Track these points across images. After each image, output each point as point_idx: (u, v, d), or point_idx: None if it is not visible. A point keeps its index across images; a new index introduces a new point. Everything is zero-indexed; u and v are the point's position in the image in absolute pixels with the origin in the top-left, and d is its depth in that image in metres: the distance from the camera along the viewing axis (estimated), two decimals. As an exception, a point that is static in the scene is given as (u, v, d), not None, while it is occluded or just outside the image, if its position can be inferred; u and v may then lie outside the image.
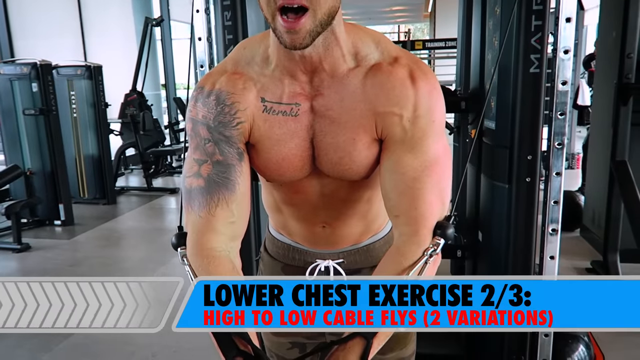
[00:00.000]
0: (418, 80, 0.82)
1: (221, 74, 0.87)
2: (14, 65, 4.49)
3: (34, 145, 4.52)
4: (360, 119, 0.84)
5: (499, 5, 1.69)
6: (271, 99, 0.86)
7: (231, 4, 1.75)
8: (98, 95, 5.20)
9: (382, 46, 0.86)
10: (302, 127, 0.86)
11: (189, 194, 0.86)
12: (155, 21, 6.51)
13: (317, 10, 0.74)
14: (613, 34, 3.16)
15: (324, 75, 0.84)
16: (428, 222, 0.83)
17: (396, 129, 0.83)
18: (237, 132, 0.86)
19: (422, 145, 0.83)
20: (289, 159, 0.88)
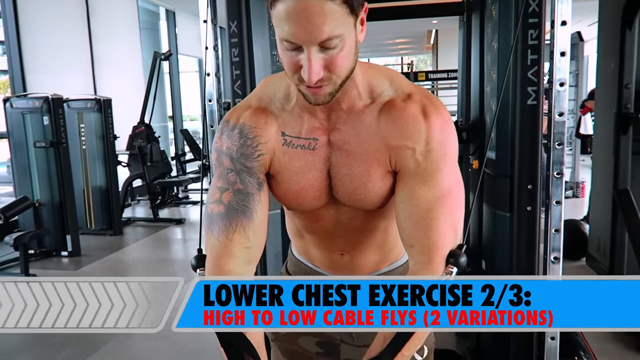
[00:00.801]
0: (430, 115, 0.87)
1: (245, 109, 0.94)
2: (26, 99, 4.60)
3: (43, 177, 4.59)
4: (374, 153, 0.89)
5: (496, 40, 1.76)
6: (291, 134, 0.92)
7: (238, 41, 1.82)
8: (107, 128, 5.30)
9: (396, 83, 0.91)
10: (320, 159, 0.92)
11: (210, 219, 0.91)
12: (163, 55, 6.67)
13: (337, 81, 0.81)
14: (611, 65, 3.23)
15: (341, 112, 0.90)
16: (441, 251, 0.85)
17: (409, 161, 0.88)
18: (257, 164, 0.92)
19: (435, 177, 0.87)
20: (306, 189, 0.93)
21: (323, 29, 0.74)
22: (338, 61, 0.79)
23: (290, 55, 0.78)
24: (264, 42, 1.92)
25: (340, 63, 0.79)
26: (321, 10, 0.73)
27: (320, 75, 0.78)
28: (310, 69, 0.77)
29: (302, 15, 0.74)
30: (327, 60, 0.78)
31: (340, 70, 0.80)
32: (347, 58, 0.80)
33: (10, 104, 4.53)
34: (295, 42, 0.76)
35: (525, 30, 1.61)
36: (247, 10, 1.83)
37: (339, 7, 0.74)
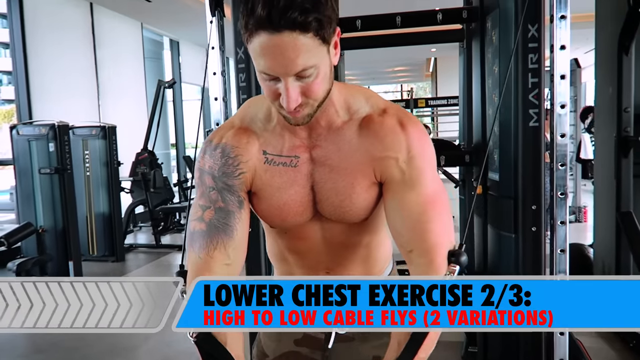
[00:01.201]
0: (407, 126, 0.91)
1: (228, 129, 0.97)
2: (32, 126, 4.66)
3: (47, 203, 4.60)
4: (357, 165, 0.93)
5: (497, 65, 1.80)
6: (272, 152, 0.95)
7: (245, 67, 1.87)
8: (111, 155, 5.34)
9: (372, 101, 0.95)
10: (302, 175, 0.95)
11: (191, 236, 0.93)
12: (167, 83, 6.78)
13: (315, 103, 0.85)
14: (609, 90, 3.28)
15: (321, 130, 0.93)
16: (441, 251, 0.88)
17: (394, 170, 0.91)
18: (238, 182, 0.94)
19: (421, 182, 0.91)
20: (289, 205, 0.96)
21: (297, 62, 0.78)
22: (314, 88, 0.82)
23: (269, 85, 0.83)
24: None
25: (317, 89, 0.83)
26: (294, 45, 0.77)
27: (299, 102, 0.82)
28: (289, 97, 0.81)
29: (276, 50, 0.77)
30: (303, 87, 0.82)
31: (317, 94, 0.84)
32: (323, 83, 0.84)
33: (17, 131, 4.59)
34: (272, 74, 0.80)
35: (525, 54, 1.65)
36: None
37: (311, 40, 0.78)
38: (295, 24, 0.75)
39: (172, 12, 7.04)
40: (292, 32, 0.76)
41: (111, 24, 7.05)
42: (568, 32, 1.56)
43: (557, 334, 1.61)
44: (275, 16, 0.75)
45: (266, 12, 0.75)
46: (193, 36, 8.91)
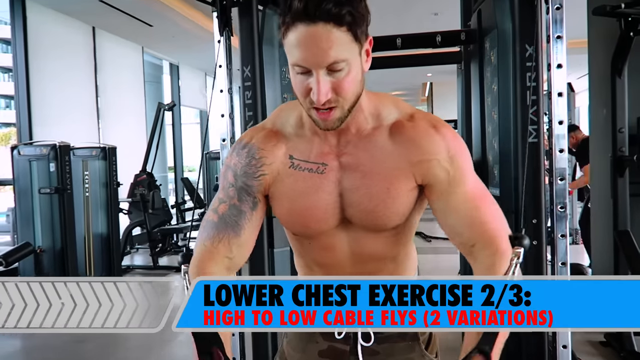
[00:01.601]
0: (440, 128, 0.94)
1: (259, 130, 1.01)
2: (33, 146, 4.69)
3: (46, 223, 4.60)
4: (392, 171, 0.94)
5: (496, 83, 1.86)
6: (299, 157, 0.96)
7: (252, 84, 1.92)
8: (111, 175, 5.36)
9: (400, 106, 0.98)
10: (329, 182, 0.95)
11: (204, 224, 0.97)
12: (167, 106, 6.84)
13: (345, 105, 0.87)
14: (604, 112, 3.36)
15: (351, 137, 0.95)
16: (503, 237, 0.91)
17: (438, 172, 0.92)
18: (257, 183, 0.97)
19: (466, 179, 0.93)
20: (311, 210, 0.96)
21: (330, 53, 0.81)
22: (345, 85, 0.84)
23: (301, 79, 0.85)
24: (274, 85, 2.02)
25: (347, 87, 0.85)
26: (328, 36, 0.81)
27: (329, 97, 0.84)
28: (319, 89, 0.83)
29: (310, 41, 0.81)
30: (334, 83, 0.84)
31: (347, 93, 0.85)
32: (353, 83, 0.86)
33: (18, 151, 4.62)
34: (304, 65, 0.83)
35: (524, 73, 1.71)
36: (260, 56, 1.94)
37: (344, 34, 0.82)
38: (329, 16, 0.79)
39: (172, 36, 7.17)
40: (327, 23, 0.80)
41: (113, 47, 7.16)
42: (564, 52, 1.62)
43: (560, 346, 1.63)
44: (311, 8, 0.79)
45: (303, 4, 0.80)
46: (192, 60, 9.04)
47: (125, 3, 5.65)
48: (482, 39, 2.03)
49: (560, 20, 1.62)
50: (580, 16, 3.42)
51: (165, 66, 9.24)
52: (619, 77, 2.92)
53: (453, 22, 3.19)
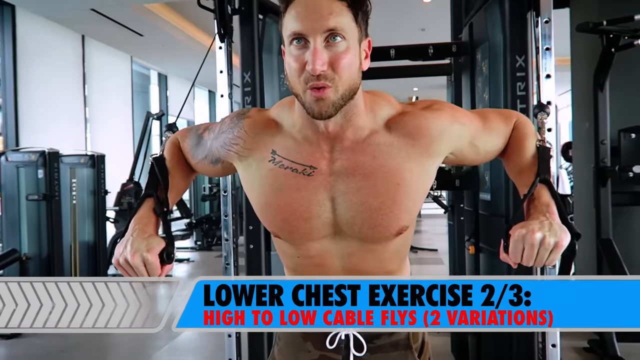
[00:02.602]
0: (433, 105, 0.98)
1: (259, 114, 1.01)
2: (22, 153, 4.66)
3: (33, 230, 4.56)
4: (404, 164, 0.91)
5: (487, 93, 1.94)
6: (283, 155, 0.94)
7: (251, 90, 1.96)
8: (99, 183, 5.34)
9: (392, 103, 0.97)
10: (316, 184, 0.92)
11: (189, 128, 1.13)
12: (156, 115, 6.85)
13: (339, 87, 0.84)
14: (586, 125, 3.48)
15: (347, 143, 0.92)
16: (519, 115, 1.08)
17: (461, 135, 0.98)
18: (224, 153, 1.01)
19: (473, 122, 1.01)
20: (289, 206, 0.92)
21: (329, 18, 0.81)
22: (341, 61, 0.82)
23: (297, 55, 0.83)
24: (273, 91, 2.07)
25: (343, 63, 0.83)
26: (329, 4, 0.82)
27: (325, 68, 0.81)
28: (315, 55, 0.81)
29: (310, 8, 0.82)
30: (331, 57, 0.82)
31: (343, 71, 0.83)
32: (351, 65, 0.84)
33: (6, 157, 4.58)
34: (302, 32, 0.82)
35: (514, 83, 1.78)
36: (260, 63, 1.99)
37: (345, 9, 0.83)
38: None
39: (162, 46, 7.20)
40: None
41: (102, 56, 7.17)
42: (553, 63, 1.70)
43: (550, 345, 1.68)
44: None
45: None
46: (181, 70, 9.07)
47: (116, 12, 5.69)
48: (474, 50, 2.12)
49: (549, 33, 1.70)
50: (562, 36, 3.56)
51: (153, 76, 9.25)
52: (601, 91, 3.04)
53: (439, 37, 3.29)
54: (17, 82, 5.70)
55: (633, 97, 3.45)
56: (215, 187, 7.86)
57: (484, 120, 1.03)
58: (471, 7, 2.29)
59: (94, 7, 5.50)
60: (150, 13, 5.95)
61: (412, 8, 5.95)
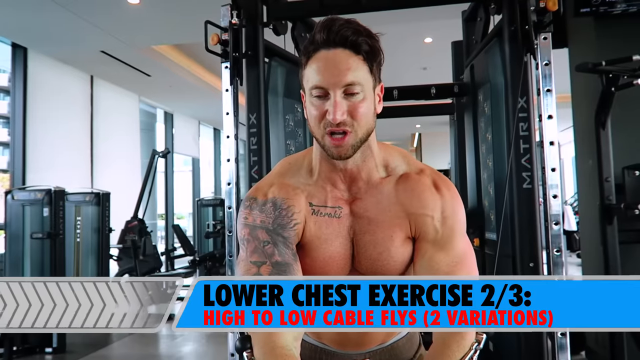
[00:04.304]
0: (441, 188, 0.98)
1: (270, 185, 1.00)
2: (28, 191, 4.69)
3: (36, 268, 4.54)
4: (395, 219, 0.96)
5: (490, 133, 1.96)
6: (317, 203, 0.98)
7: (257, 131, 1.99)
8: (104, 221, 5.35)
9: (409, 160, 1.03)
10: (344, 227, 0.98)
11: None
12: (162, 153, 6.92)
13: (358, 132, 0.91)
14: (590, 162, 3.48)
15: (361, 183, 0.98)
16: None
17: (429, 228, 0.96)
18: (293, 233, 0.95)
19: (452, 242, 0.96)
20: (333, 257, 0.97)
21: (347, 74, 0.88)
22: (360, 109, 0.89)
23: (318, 104, 0.90)
24: (278, 132, 2.10)
25: (362, 112, 0.89)
26: (346, 60, 0.88)
27: (344, 117, 0.88)
28: (335, 108, 0.87)
29: (330, 63, 0.88)
30: (350, 106, 0.88)
31: (361, 119, 0.89)
32: (368, 112, 0.90)
33: (12, 196, 4.61)
34: (323, 86, 0.88)
35: (517, 123, 1.81)
36: (265, 105, 2.02)
37: (361, 62, 0.89)
38: (347, 41, 0.88)
39: (169, 86, 7.34)
40: (345, 49, 0.88)
41: (110, 95, 7.30)
42: (554, 104, 1.73)
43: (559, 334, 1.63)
44: (331, 36, 0.88)
45: (325, 35, 0.88)
46: (187, 109, 9.21)
47: (125, 54, 5.83)
48: (476, 91, 2.15)
49: (549, 75, 1.73)
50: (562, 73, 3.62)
51: (159, 114, 9.39)
52: (603, 129, 3.05)
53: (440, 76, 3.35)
54: (26, 120, 5.80)
55: (636, 134, 3.46)
56: (219, 223, 7.85)
57: (454, 259, 0.95)
58: (472, 49, 2.34)
59: (103, 49, 5.65)
60: (158, 54, 6.10)
61: (414, 48, 6.07)
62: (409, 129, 12.19)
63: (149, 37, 5.43)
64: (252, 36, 1.98)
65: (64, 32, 5.10)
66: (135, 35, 5.26)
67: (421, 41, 5.94)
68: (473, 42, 2.35)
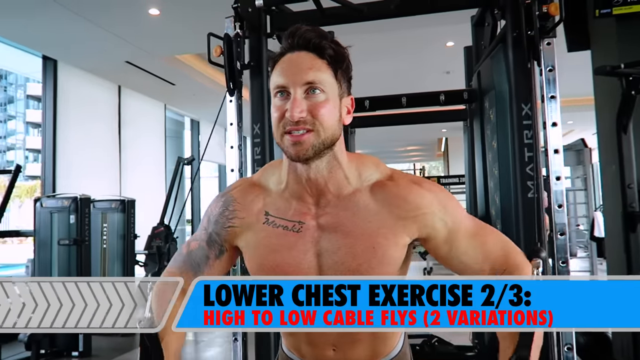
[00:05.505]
0: (422, 184, 0.98)
1: (240, 184, 1.05)
2: (55, 199, 4.85)
3: (63, 274, 4.69)
4: (378, 230, 0.93)
5: (496, 140, 1.92)
6: (274, 214, 0.98)
7: (261, 141, 2.01)
8: (129, 228, 5.48)
9: (380, 168, 1.01)
10: (305, 241, 0.95)
11: (178, 251, 1.07)
12: (186, 160, 7.04)
13: (321, 132, 0.89)
14: (613, 167, 3.37)
15: (330, 197, 0.96)
16: (516, 254, 0.97)
17: (436, 224, 0.95)
18: (225, 233, 1.01)
19: (462, 222, 0.97)
20: (282, 267, 0.95)
21: (309, 72, 0.87)
22: (320, 109, 0.88)
23: (279, 105, 0.89)
24: (283, 142, 2.11)
25: (323, 112, 0.88)
26: (309, 61, 0.88)
27: (304, 114, 0.87)
28: (294, 104, 0.86)
29: (292, 63, 0.89)
30: (310, 105, 0.87)
31: (323, 119, 0.88)
32: (330, 113, 0.89)
33: (41, 203, 4.78)
34: (283, 84, 0.88)
35: (521, 131, 1.76)
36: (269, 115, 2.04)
37: (325, 66, 0.89)
38: (310, 44, 0.88)
39: (193, 94, 7.48)
40: (309, 52, 0.88)
41: (137, 104, 7.50)
42: (558, 111, 1.68)
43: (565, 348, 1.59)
44: (295, 39, 0.89)
45: (290, 41, 0.89)
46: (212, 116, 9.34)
47: (149, 63, 5.98)
48: (482, 98, 2.11)
49: (554, 81, 1.69)
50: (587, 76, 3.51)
51: (186, 122, 9.58)
52: (625, 133, 2.94)
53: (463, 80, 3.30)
54: (57, 130, 6.00)
55: (662, 138, 3.33)
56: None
57: (476, 231, 0.98)
58: (481, 54, 2.30)
59: (128, 60, 5.80)
60: (181, 63, 6.22)
61: (436, 52, 6.01)
62: (434, 134, 12.05)
63: (170, 47, 5.55)
64: (256, 47, 2.00)
65: (90, 44, 5.27)
66: (157, 45, 5.39)
67: (443, 45, 5.88)
68: (482, 48, 2.31)
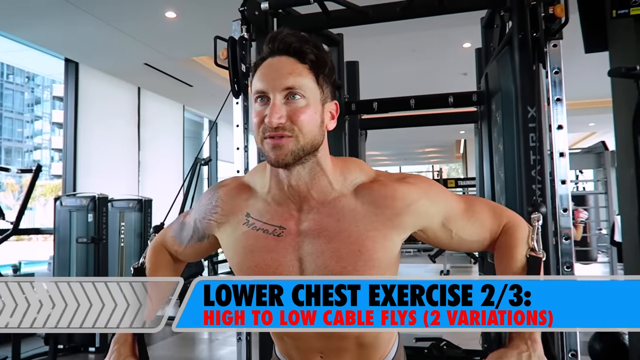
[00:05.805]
0: (405, 178, 0.98)
1: (234, 181, 1.06)
2: (75, 198, 4.96)
3: (81, 271, 4.78)
4: (367, 233, 0.92)
5: (502, 143, 1.90)
6: (255, 217, 0.98)
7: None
8: (145, 226, 5.57)
9: (365, 170, 0.99)
10: (285, 245, 0.94)
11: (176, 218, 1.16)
12: (204, 160, 7.13)
13: (300, 138, 0.87)
14: (631, 171, 3.30)
15: (314, 203, 0.94)
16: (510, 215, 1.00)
17: (430, 211, 0.96)
18: (206, 224, 1.05)
19: (452, 203, 0.99)
20: (260, 267, 0.94)
21: (288, 77, 0.86)
22: (300, 115, 0.86)
23: (259, 110, 0.88)
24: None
25: (303, 117, 0.86)
26: (290, 66, 0.87)
27: (283, 120, 0.85)
28: (273, 109, 0.85)
29: (272, 68, 0.88)
30: (289, 110, 0.86)
31: (303, 125, 0.86)
32: (311, 119, 0.87)
33: (60, 202, 4.89)
34: (263, 90, 0.87)
35: (526, 133, 1.75)
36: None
37: (306, 70, 0.88)
38: (291, 48, 0.87)
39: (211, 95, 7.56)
40: (289, 57, 0.87)
41: (156, 105, 7.61)
42: (564, 113, 1.66)
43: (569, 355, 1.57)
44: (276, 44, 0.88)
45: (270, 45, 0.89)
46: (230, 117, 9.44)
47: (167, 65, 6.06)
48: (489, 100, 2.10)
49: (560, 83, 1.67)
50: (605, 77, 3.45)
51: (205, 123, 9.68)
52: (641, 136, 2.88)
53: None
54: (77, 130, 6.14)
55: (681, 142, 3.25)
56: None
57: (467, 207, 1.00)
58: (490, 56, 2.29)
59: (147, 62, 5.90)
60: (199, 65, 6.30)
61: (452, 53, 5.97)
62: (452, 135, 11.93)
63: (187, 49, 5.62)
64: (263, 50, 2.02)
65: (110, 46, 5.37)
66: (174, 47, 5.46)
67: (460, 46, 5.83)
68: (491, 49, 2.29)
